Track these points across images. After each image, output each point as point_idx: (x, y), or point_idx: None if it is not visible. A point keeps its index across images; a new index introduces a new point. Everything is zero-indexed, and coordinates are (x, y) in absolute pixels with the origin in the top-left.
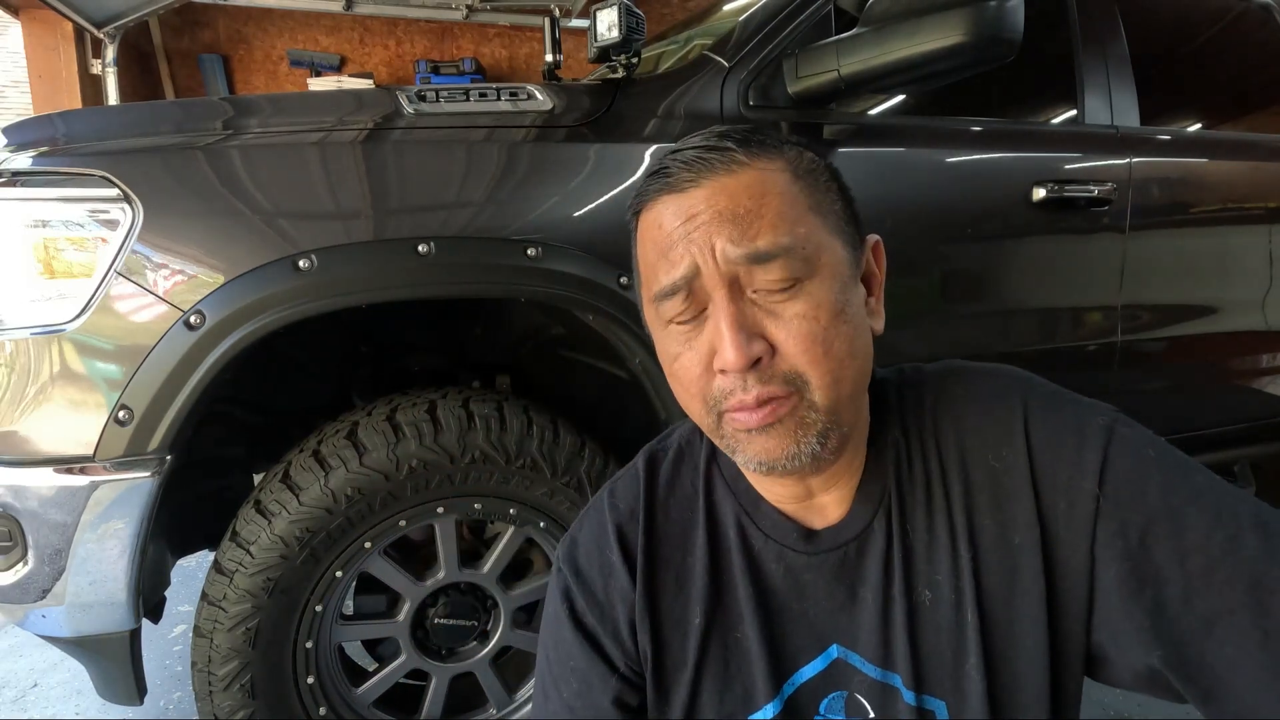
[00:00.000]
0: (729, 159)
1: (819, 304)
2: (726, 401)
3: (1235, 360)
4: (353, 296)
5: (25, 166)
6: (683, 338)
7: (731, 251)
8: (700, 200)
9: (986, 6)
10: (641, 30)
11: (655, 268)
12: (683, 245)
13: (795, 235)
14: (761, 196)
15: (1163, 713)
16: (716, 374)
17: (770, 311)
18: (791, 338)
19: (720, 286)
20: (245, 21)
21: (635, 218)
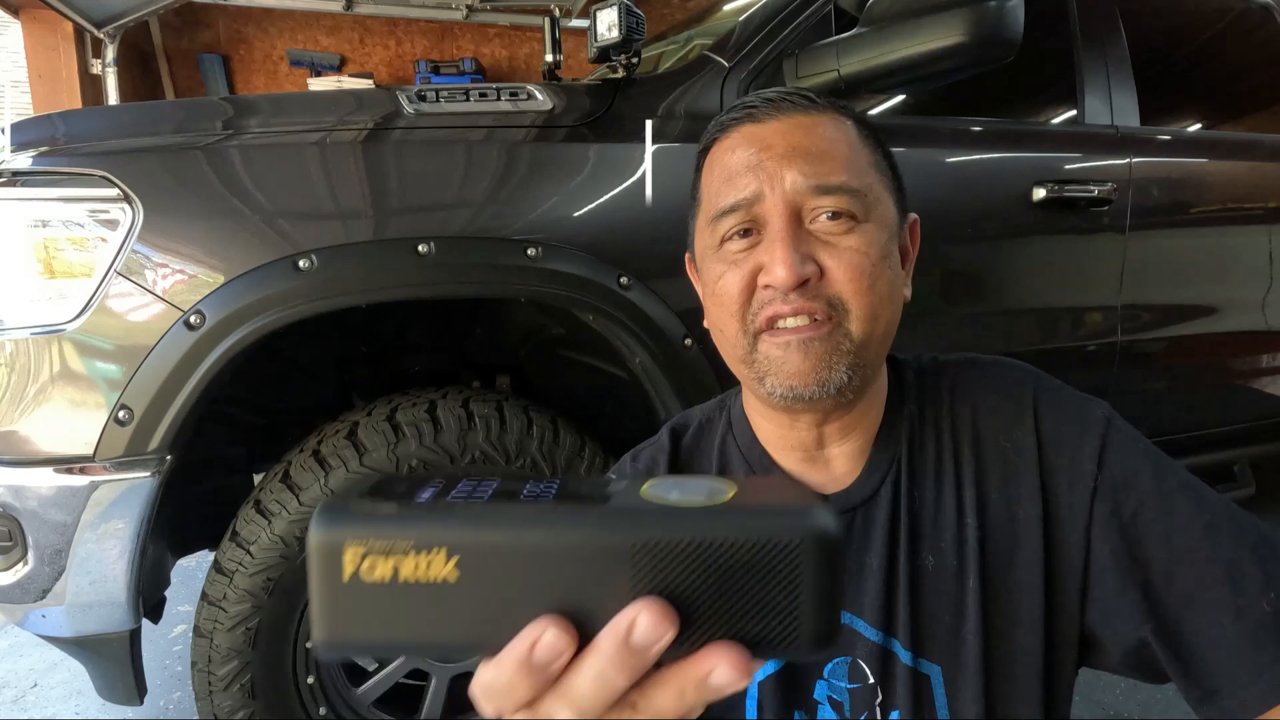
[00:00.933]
0: (808, 102)
1: (871, 242)
2: (764, 311)
3: (1235, 360)
4: (353, 296)
5: (25, 166)
6: (732, 258)
7: (800, 183)
8: (776, 132)
9: (986, 6)
10: (641, 30)
11: (720, 191)
12: (753, 172)
13: (861, 180)
14: (834, 140)
15: (1163, 713)
16: (759, 289)
17: (825, 242)
18: (842, 266)
19: (781, 214)
20: (245, 21)
21: (706, 149)
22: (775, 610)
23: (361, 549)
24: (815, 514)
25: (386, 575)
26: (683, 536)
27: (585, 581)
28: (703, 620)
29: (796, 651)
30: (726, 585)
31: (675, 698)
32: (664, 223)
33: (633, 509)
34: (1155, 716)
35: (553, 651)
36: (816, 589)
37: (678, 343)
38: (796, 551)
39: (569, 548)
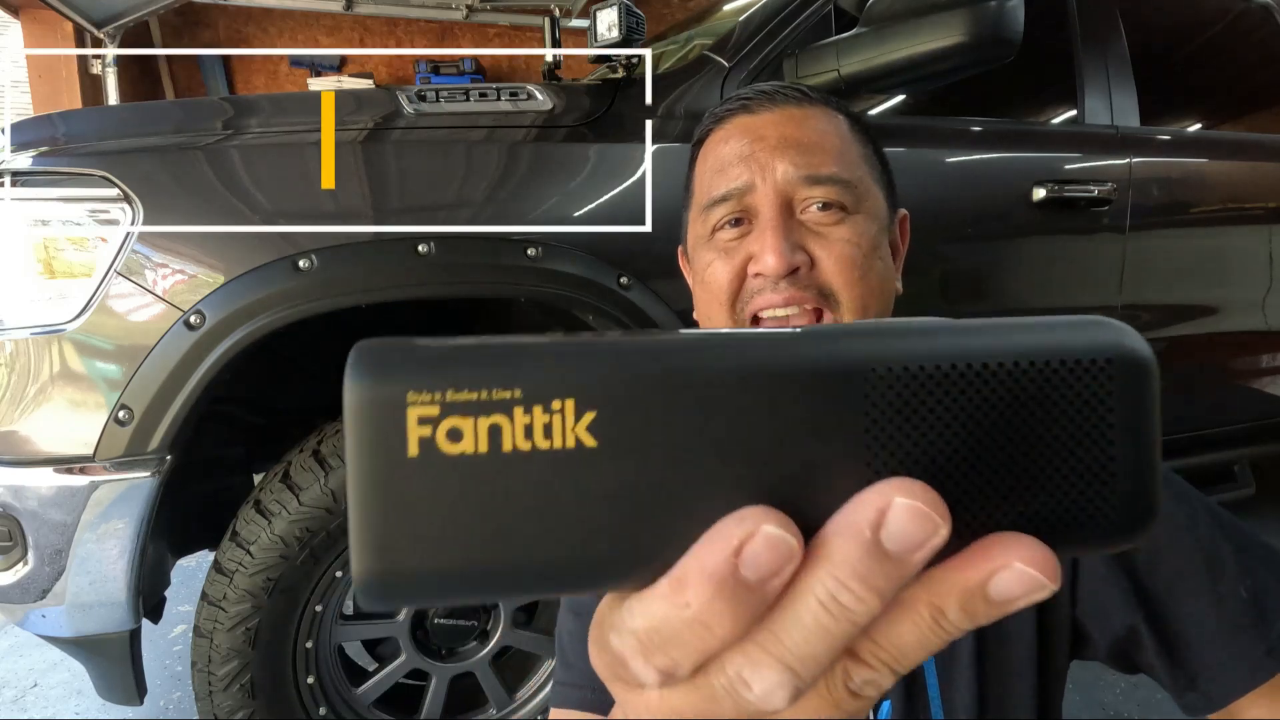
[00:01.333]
0: (802, 96)
1: (861, 233)
2: (754, 300)
3: (1235, 360)
4: (353, 296)
5: (25, 166)
6: (722, 247)
7: (792, 173)
8: (769, 123)
9: (986, 6)
10: (641, 30)
11: (712, 181)
12: (744, 163)
13: (851, 172)
14: (825, 132)
15: (1163, 713)
16: (750, 278)
17: (816, 232)
18: (832, 256)
19: (772, 204)
20: (245, 21)
21: (701, 141)
22: (1076, 471)
23: (436, 404)
24: (1122, 329)
25: (480, 443)
26: (945, 354)
27: (797, 444)
28: (970, 501)
29: (1105, 535)
30: (1004, 438)
31: (928, 628)
32: (664, 223)
33: (851, 330)
34: (1155, 716)
35: (777, 558)
36: (1135, 432)
37: None
38: (1106, 376)
39: (778, 383)
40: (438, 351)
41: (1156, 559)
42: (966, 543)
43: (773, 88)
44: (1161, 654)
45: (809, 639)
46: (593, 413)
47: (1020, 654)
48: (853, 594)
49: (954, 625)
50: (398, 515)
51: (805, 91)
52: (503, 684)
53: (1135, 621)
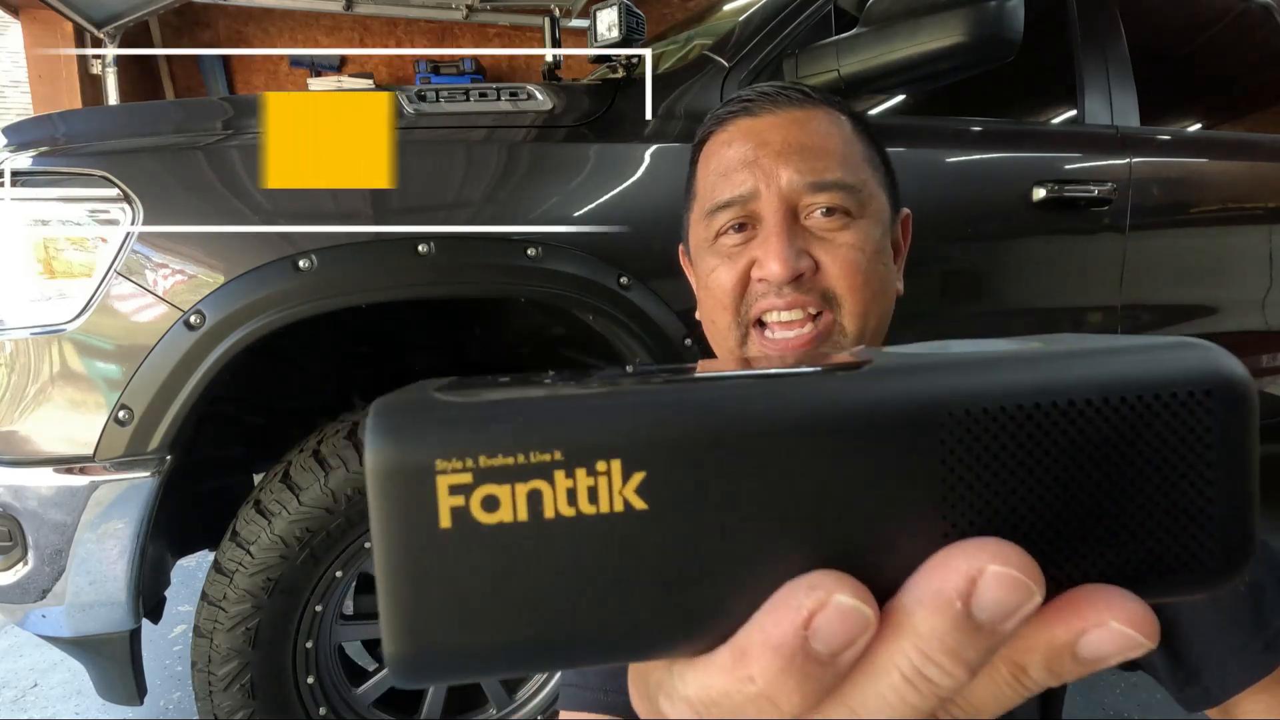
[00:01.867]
0: (804, 97)
1: (866, 238)
2: (758, 304)
3: None
4: (353, 296)
5: (25, 166)
6: (726, 252)
7: (796, 180)
8: (773, 127)
9: (986, 6)
10: (641, 30)
11: (715, 186)
12: (748, 168)
13: (856, 176)
14: (829, 135)
15: (1163, 713)
16: (753, 282)
17: (820, 238)
18: (837, 261)
19: (776, 210)
20: (245, 21)
21: (702, 143)
22: (1171, 513)
23: (468, 471)
24: (1217, 353)
25: (520, 511)
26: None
27: (866, 499)
28: (1056, 553)
29: (1200, 580)
30: (1093, 482)
31: (1006, 685)
32: (664, 223)
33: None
34: (1155, 716)
35: (850, 629)
36: (1235, 467)
37: (678, 343)
38: (1207, 405)
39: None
40: (467, 410)
41: None
42: (1052, 595)
43: (774, 89)
44: (1161, 650)
45: (891, 716)
46: (642, 473)
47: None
48: (941, 669)
49: (1035, 683)
50: (431, 592)
51: (807, 92)
52: (503, 684)
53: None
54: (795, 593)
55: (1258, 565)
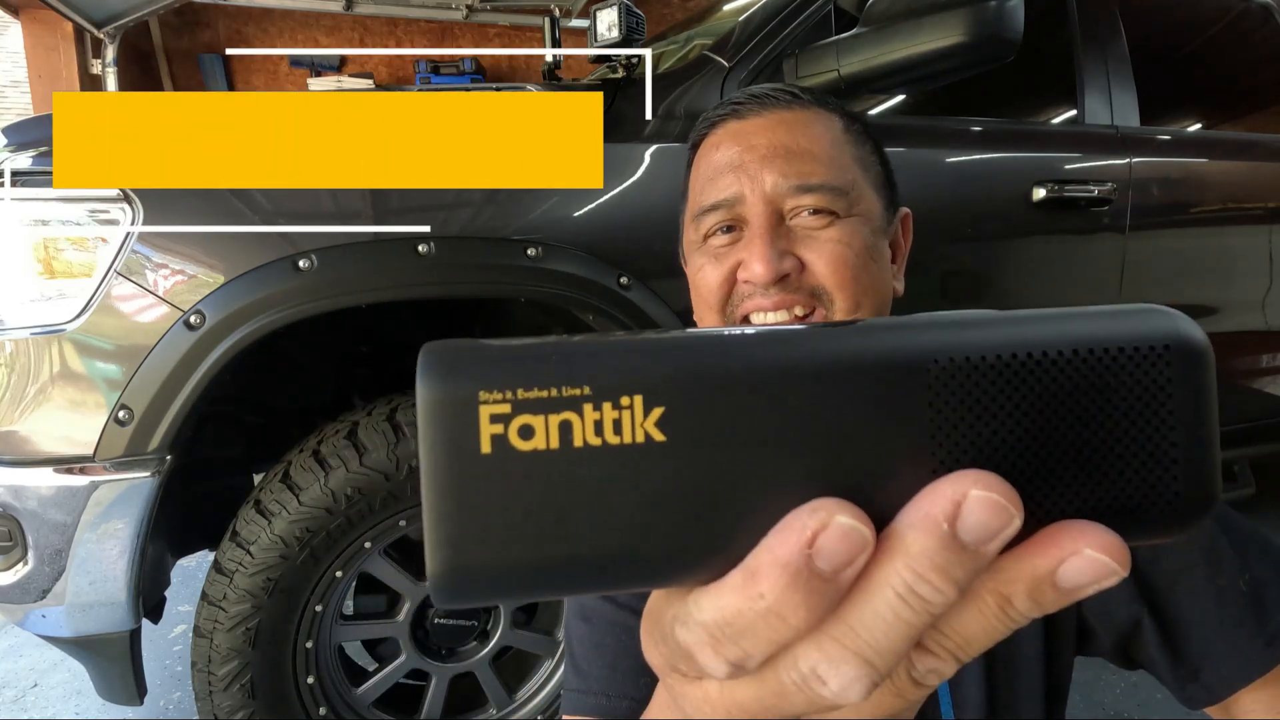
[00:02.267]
0: (793, 98)
1: (853, 234)
2: (743, 304)
3: (1235, 360)
4: (353, 296)
5: (25, 166)
6: (713, 253)
7: (781, 184)
8: (760, 129)
9: (986, 6)
10: (641, 30)
11: (704, 188)
12: (735, 172)
13: (842, 178)
14: (817, 137)
15: (1163, 712)
16: (739, 284)
17: (805, 237)
18: (823, 258)
19: (761, 213)
20: (245, 21)
21: (695, 148)
22: (1137, 458)
23: (508, 403)
24: (1177, 317)
25: (552, 440)
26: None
27: (863, 437)
28: (1034, 490)
29: (1166, 522)
30: (1065, 427)
31: (994, 616)
32: (664, 223)
33: (908, 322)
34: (1155, 716)
35: (850, 548)
36: (1194, 418)
37: None
38: (1164, 363)
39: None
40: (506, 351)
41: (1158, 553)
42: (1032, 531)
43: (764, 90)
44: (1164, 647)
45: (887, 631)
46: (661, 408)
47: (1028, 651)
48: (931, 585)
49: (1021, 613)
50: (473, 512)
51: (798, 93)
52: (503, 684)
53: (1139, 615)
54: (800, 516)
55: (1258, 563)
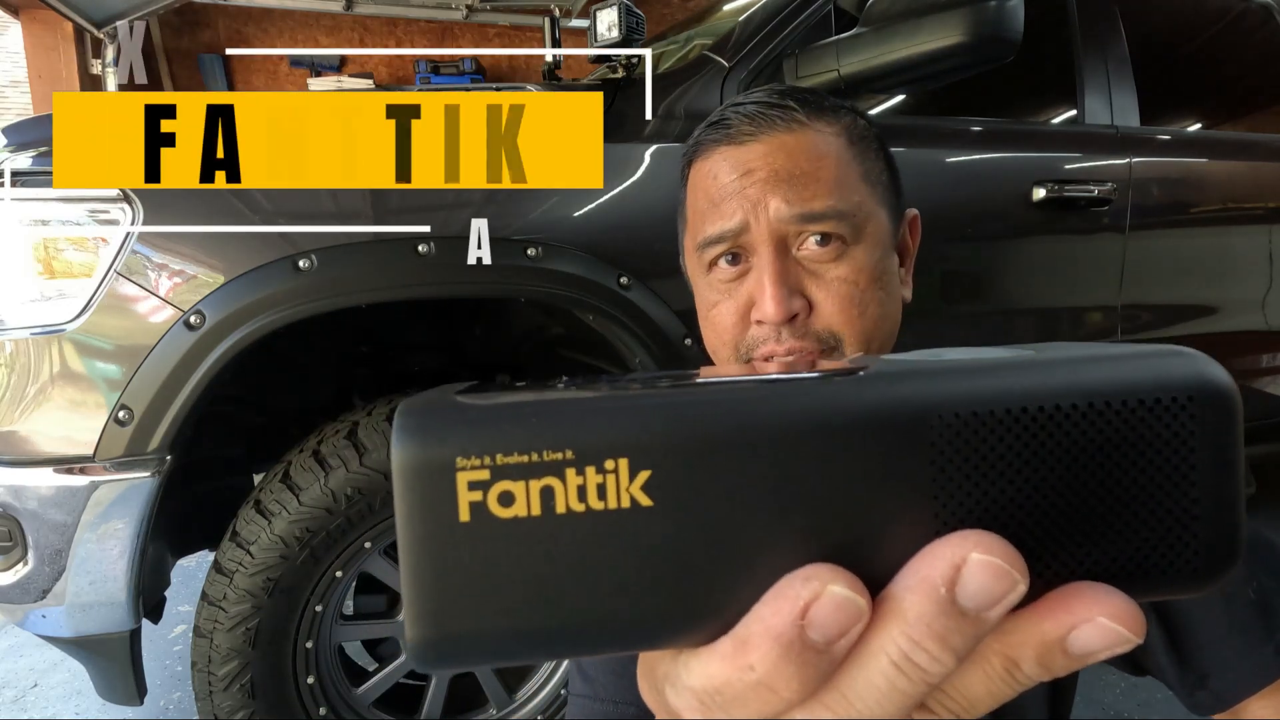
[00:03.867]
0: (790, 117)
1: (860, 268)
2: (757, 350)
3: (1235, 360)
4: (353, 296)
5: (25, 166)
6: (722, 287)
7: (785, 211)
8: (758, 156)
9: (986, 6)
10: (641, 30)
11: (705, 216)
12: (736, 200)
13: (848, 201)
14: (819, 159)
15: (1163, 712)
16: (752, 324)
17: (813, 272)
18: (831, 298)
19: (767, 243)
20: (245, 21)
21: (688, 166)
22: (1157, 515)
23: (486, 469)
24: (1203, 361)
25: (533, 507)
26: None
27: (859, 497)
28: (1045, 550)
29: (1186, 580)
30: (1079, 483)
31: (999, 679)
32: (664, 223)
33: (911, 371)
34: (1155, 716)
35: (844, 619)
36: (1219, 471)
37: (678, 343)
38: (1191, 410)
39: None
40: (486, 412)
41: None
42: (1041, 592)
43: (758, 109)
44: (1171, 654)
45: (881, 701)
46: (647, 472)
47: None
48: (928, 654)
49: (1028, 678)
50: (451, 581)
51: (794, 107)
52: (503, 684)
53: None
54: (792, 584)
55: (1265, 570)
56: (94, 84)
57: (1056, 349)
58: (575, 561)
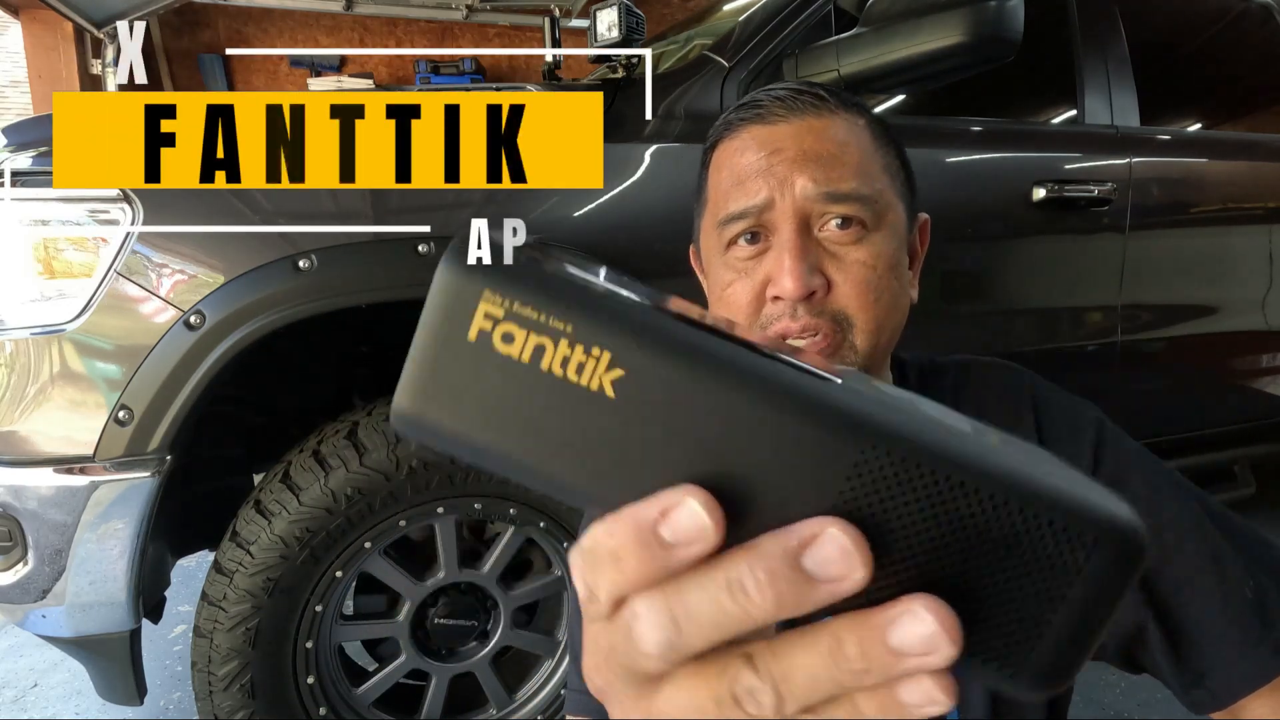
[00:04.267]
0: (820, 103)
1: (879, 254)
2: (771, 328)
3: (1235, 360)
4: (353, 296)
5: (25, 166)
6: (740, 265)
7: (811, 190)
8: (788, 135)
9: (986, 6)
10: (641, 30)
11: (728, 194)
12: (763, 177)
13: (872, 187)
14: (846, 144)
15: (1163, 712)
16: (767, 301)
17: (833, 254)
18: (848, 280)
19: (790, 220)
20: (245, 21)
21: (713, 146)
22: (1011, 612)
23: (502, 309)
24: (1130, 519)
25: (525, 354)
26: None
27: (779, 468)
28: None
29: (1010, 677)
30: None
31: (822, 655)
32: (664, 223)
33: (884, 401)
34: (1155, 716)
35: (690, 530)
36: (1086, 609)
37: None
38: (1090, 550)
39: (786, 418)
40: (523, 266)
41: (1166, 559)
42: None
43: (789, 92)
44: (1169, 653)
45: (701, 606)
46: (621, 371)
47: None
48: (755, 584)
49: (848, 663)
50: (442, 379)
51: (824, 95)
52: (503, 684)
53: (1144, 620)
54: (671, 494)
55: (1262, 569)
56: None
57: (1019, 447)
58: (537, 410)
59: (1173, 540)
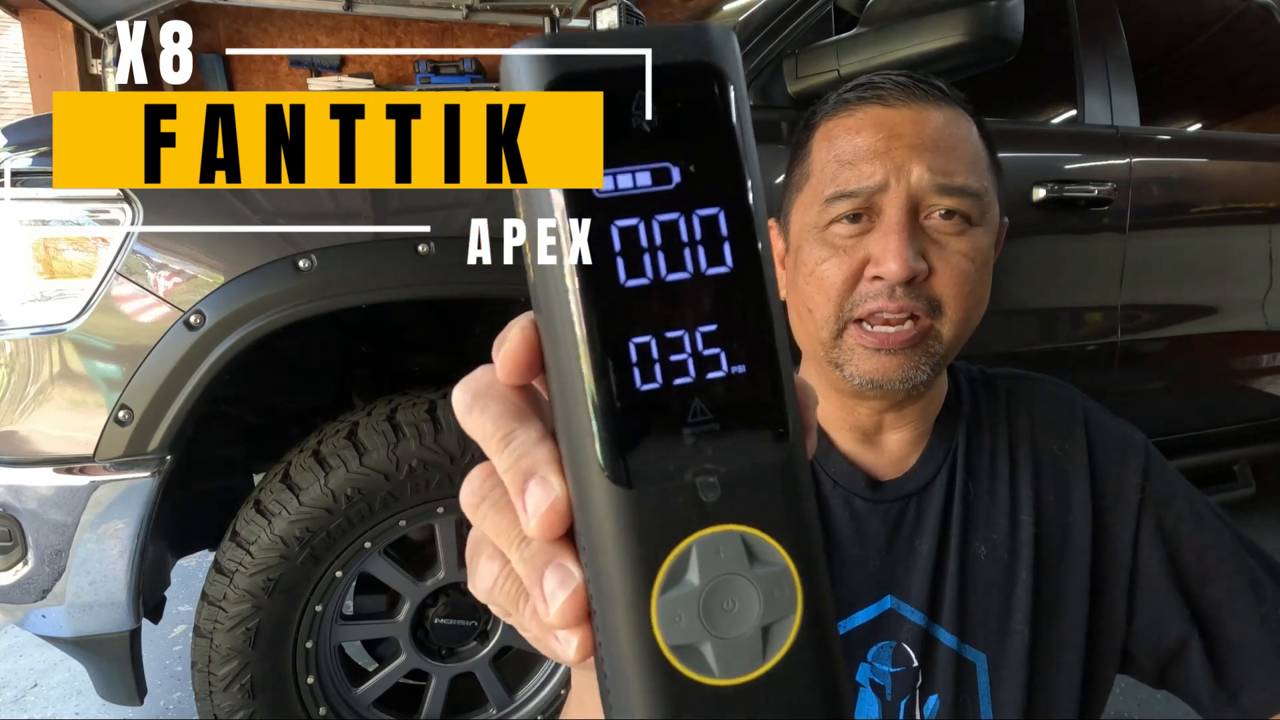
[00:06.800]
0: (941, 94)
1: (978, 249)
2: (866, 304)
3: (1235, 360)
4: (353, 296)
5: (25, 166)
6: (839, 243)
7: (927, 179)
8: (908, 121)
9: (986, 6)
10: None
11: (838, 172)
12: (880, 160)
13: (980, 183)
14: (960, 139)
15: (1163, 712)
16: (864, 280)
17: (936, 241)
18: (948, 269)
19: (900, 206)
20: (245, 21)
21: (822, 121)
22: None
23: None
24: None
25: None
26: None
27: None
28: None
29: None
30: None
31: (500, 562)
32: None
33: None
34: (1155, 716)
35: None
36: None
37: None
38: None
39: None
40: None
41: (1208, 578)
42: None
43: (910, 79)
44: (1208, 669)
45: (481, 422)
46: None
47: (1068, 659)
48: (496, 439)
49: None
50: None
51: (943, 88)
52: (503, 684)
53: (1189, 636)
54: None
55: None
56: (94, 84)
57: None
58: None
59: (1214, 562)
